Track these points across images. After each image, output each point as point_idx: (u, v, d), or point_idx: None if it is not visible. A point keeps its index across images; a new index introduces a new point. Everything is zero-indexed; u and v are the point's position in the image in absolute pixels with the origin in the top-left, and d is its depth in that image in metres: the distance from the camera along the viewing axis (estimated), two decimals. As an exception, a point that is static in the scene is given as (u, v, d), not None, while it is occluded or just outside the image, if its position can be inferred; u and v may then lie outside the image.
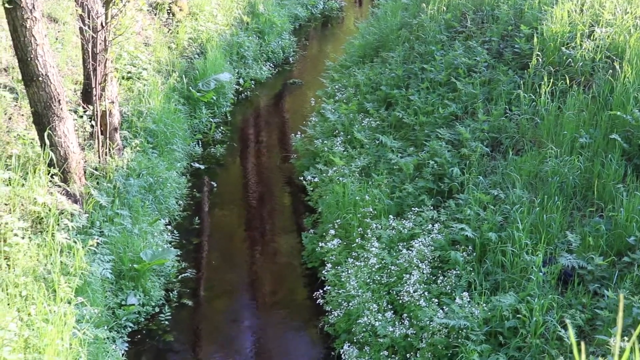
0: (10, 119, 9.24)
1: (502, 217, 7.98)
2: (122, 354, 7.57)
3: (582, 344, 1.81)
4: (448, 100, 10.57)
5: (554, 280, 6.99)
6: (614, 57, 9.35)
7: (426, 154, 9.72)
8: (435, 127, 10.20)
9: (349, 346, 7.60)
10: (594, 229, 7.33)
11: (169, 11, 15.08)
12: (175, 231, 10.01)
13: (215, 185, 11.75)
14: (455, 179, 9.05)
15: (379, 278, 8.01)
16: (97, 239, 8.03)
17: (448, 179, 9.17)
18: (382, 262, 8.16)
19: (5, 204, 7.76)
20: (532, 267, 6.98)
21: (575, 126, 8.70)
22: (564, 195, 7.95)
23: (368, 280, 8.03)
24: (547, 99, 9.33)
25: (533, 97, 9.58)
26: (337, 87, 13.54)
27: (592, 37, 9.89)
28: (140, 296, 8.40)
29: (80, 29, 9.33)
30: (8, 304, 6.57)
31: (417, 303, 7.37)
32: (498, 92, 10.09)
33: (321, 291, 8.59)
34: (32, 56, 7.98)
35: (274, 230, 10.81)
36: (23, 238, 7.38)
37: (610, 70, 9.15)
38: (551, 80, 9.50)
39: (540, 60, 10.05)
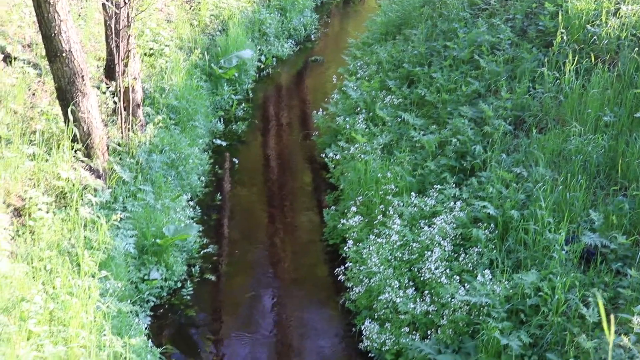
0: (34, 94, 9.30)
1: (524, 195, 7.95)
2: (145, 328, 7.65)
3: (612, 316, 1.81)
4: (471, 78, 10.49)
5: (577, 259, 6.97)
6: (640, 35, 9.24)
7: (449, 131, 9.68)
8: (458, 105, 10.15)
9: (370, 322, 7.64)
10: (618, 207, 7.29)
11: (190, -12, 15.06)
12: (197, 207, 10.06)
13: (236, 162, 11.78)
14: (478, 157, 9.00)
15: (400, 255, 8.02)
16: (121, 214, 8.10)
17: (470, 156, 9.13)
18: (404, 239, 8.17)
19: (30, 179, 7.84)
20: (555, 245, 6.95)
21: (599, 104, 8.62)
22: (588, 173, 7.90)
23: (389, 257, 8.04)
24: (572, 77, 9.23)
25: (557, 75, 9.48)
26: (359, 64, 13.47)
27: (617, 15, 9.76)
28: (162, 271, 8.47)
29: (103, 5, 9.34)
30: (33, 277, 6.66)
31: (439, 280, 7.38)
32: (522, 70, 10.00)
33: (342, 268, 8.62)
34: (55, 32, 8.00)
35: (295, 206, 10.83)
36: (47, 212, 7.46)
37: (636, 48, 9.03)
38: (576, 58, 9.40)
39: (564, 38, 9.94)
